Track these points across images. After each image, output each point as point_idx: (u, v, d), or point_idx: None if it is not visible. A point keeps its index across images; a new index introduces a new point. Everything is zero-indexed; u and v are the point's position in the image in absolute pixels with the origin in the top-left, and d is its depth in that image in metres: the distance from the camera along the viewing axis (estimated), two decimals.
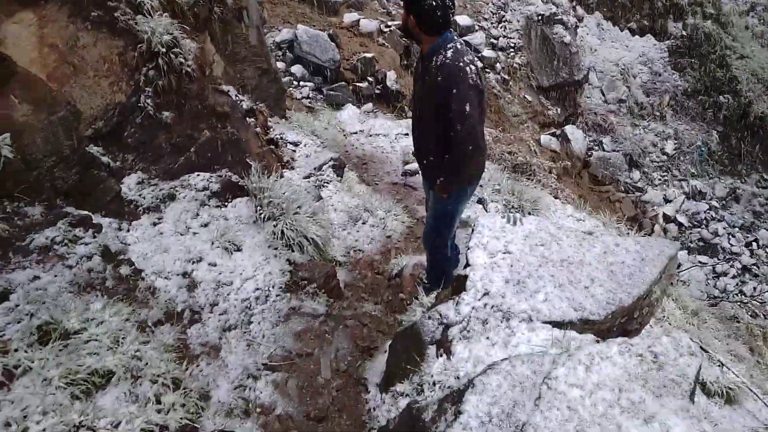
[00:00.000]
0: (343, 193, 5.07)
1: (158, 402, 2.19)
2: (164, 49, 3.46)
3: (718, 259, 12.91)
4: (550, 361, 2.31)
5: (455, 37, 3.19)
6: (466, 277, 2.82)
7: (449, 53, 3.09)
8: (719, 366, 5.98)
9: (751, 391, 4.09)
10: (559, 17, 14.42)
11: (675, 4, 15.16)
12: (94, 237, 2.86)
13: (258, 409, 2.80)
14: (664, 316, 4.66)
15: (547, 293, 2.77)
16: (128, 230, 3.22)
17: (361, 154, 6.87)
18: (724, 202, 14.02)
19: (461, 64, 3.05)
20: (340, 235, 4.62)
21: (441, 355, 2.56)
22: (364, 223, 4.92)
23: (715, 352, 6.23)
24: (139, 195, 3.41)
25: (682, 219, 13.55)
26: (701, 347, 6.07)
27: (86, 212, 2.94)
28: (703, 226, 13.50)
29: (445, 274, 3.58)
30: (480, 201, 5.77)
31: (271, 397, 2.89)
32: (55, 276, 2.50)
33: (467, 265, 2.89)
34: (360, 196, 5.27)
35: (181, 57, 3.57)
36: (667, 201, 14.01)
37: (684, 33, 14.90)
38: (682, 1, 15.01)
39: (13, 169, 2.63)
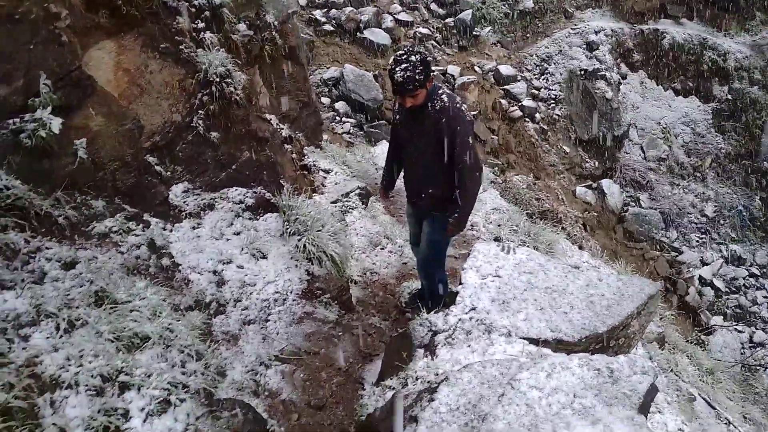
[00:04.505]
0: (366, 220, 5.50)
1: (183, 366, 2.62)
2: (218, 79, 4.00)
3: (757, 328, 12.63)
4: (517, 366, 2.65)
5: (436, 83, 3.53)
6: (456, 293, 3.19)
7: (444, 98, 3.45)
8: (726, 423, 6.09)
9: None
10: (603, 73, 14.72)
11: (721, 68, 15.27)
12: (143, 231, 3.37)
13: (266, 392, 3.20)
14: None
15: (528, 314, 3.11)
16: (171, 230, 3.71)
17: None
18: (765, 270, 13.68)
19: (457, 104, 3.45)
20: (359, 257, 5.04)
21: (426, 356, 2.93)
22: (382, 249, 5.33)
23: (723, 410, 6.32)
24: (184, 202, 3.91)
25: (719, 283, 13.17)
26: (709, 403, 6.21)
27: (138, 210, 3.46)
28: (741, 293, 13.18)
29: (444, 294, 3.93)
30: (497, 239, 6.11)
31: (279, 384, 3.29)
32: (110, 258, 3.00)
33: (460, 283, 3.27)
34: (383, 224, 5.70)
35: (231, 86, 4.11)
36: (704, 264, 13.69)
37: (729, 97, 14.94)
38: (728, 66, 15.12)
39: (85, 169, 3.18)
